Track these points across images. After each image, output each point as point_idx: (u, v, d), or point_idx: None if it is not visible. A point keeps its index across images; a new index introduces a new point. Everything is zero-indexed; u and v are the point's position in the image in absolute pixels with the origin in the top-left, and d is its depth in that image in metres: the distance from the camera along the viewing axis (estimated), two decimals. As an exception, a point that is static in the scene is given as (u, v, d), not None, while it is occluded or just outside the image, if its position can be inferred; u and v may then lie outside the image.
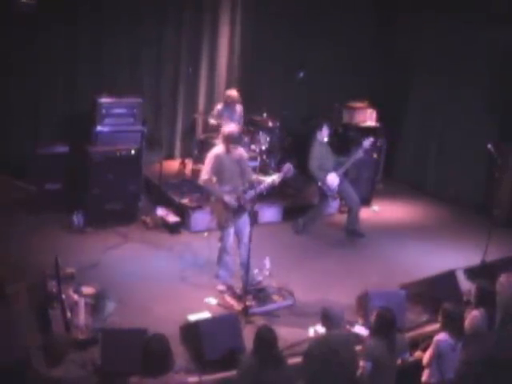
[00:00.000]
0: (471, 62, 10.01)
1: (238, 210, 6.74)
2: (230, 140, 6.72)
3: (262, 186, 6.77)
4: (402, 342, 5.34)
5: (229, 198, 6.65)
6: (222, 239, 6.91)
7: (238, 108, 9.15)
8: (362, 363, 5.08)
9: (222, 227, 6.87)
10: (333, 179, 8.38)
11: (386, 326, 5.10)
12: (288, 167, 6.78)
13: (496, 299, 5.76)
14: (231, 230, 6.85)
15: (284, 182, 9.03)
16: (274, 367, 4.72)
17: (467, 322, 5.57)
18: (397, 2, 11.09)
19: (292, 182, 9.51)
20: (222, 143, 6.80)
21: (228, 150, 6.73)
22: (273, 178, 6.81)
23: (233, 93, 9.17)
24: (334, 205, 9.60)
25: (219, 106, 9.20)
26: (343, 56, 10.98)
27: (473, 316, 5.64)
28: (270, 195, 8.85)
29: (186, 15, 10.00)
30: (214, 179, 6.74)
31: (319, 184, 8.43)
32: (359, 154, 8.46)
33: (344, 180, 8.56)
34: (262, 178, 6.90)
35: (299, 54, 10.62)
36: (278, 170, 8.83)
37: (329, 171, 8.40)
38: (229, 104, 9.08)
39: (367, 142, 8.41)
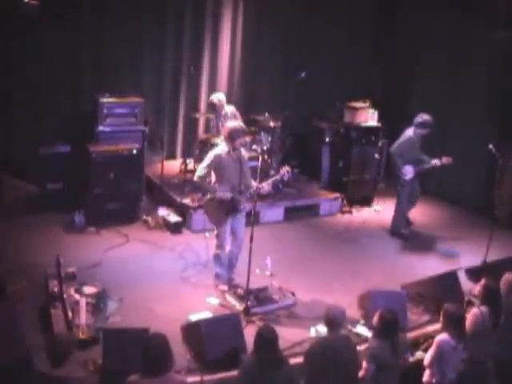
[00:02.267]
0: (471, 62, 10.02)
1: (232, 210, 6.75)
2: (233, 136, 6.67)
3: (251, 191, 6.77)
4: (404, 342, 5.34)
5: (221, 193, 6.65)
6: (217, 236, 6.91)
7: (228, 110, 9.07)
8: (365, 365, 5.08)
9: (216, 224, 6.88)
10: (409, 171, 8.49)
11: (388, 327, 5.10)
12: (285, 171, 6.77)
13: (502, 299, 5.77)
14: (227, 228, 6.86)
15: (285, 183, 9.09)
16: (275, 367, 4.71)
17: (467, 321, 5.56)
18: (397, 2, 11.09)
19: (293, 182, 9.54)
20: (225, 142, 6.78)
21: (231, 148, 6.70)
22: (266, 183, 6.82)
23: (214, 99, 9.01)
24: (335, 205, 9.64)
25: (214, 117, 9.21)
26: (344, 56, 10.99)
27: (473, 313, 5.63)
28: (271, 195, 8.92)
29: (187, 15, 10.01)
30: (213, 178, 6.74)
31: (398, 171, 8.54)
32: (431, 165, 8.55)
33: (415, 179, 8.66)
34: (253, 182, 6.85)
35: (300, 54, 10.63)
36: (278, 170, 8.86)
37: (407, 163, 8.51)
38: (215, 110, 9.05)
39: (445, 160, 8.51)
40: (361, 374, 5.13)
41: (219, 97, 9.08)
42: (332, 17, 10.86)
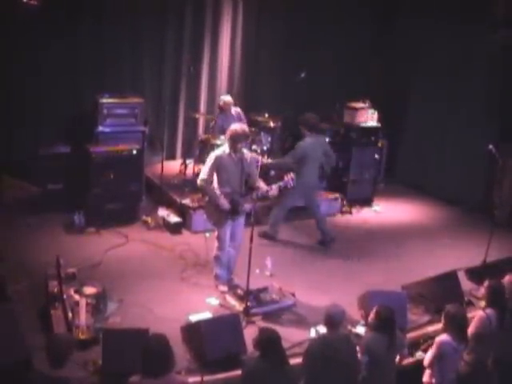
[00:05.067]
0: (471, 62, 10.03)
1: (232, 213, 6.75)
2: (234, 139, 6.67)
3: (259, 193, 6.77)
4: (400, 339, 5.32)
5: (222, 202, 6.64)
6: (218, 238, 6.91)
7: (234, 112, 9.13)
8: (359, 356, 5.10)
9: (217, 225, 6.89)
10: None
11: (384, 323, 5.09)
12: (289, 178, 6.73)
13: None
14: (227, 229, 6.86)
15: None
16: (280, 367, 4.71)
17: (473, 323, 5.56)
18: (397, 3, 11.10)
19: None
20: (227, 143, 6.78)
21: (232, 151, 6.70)
22: (272, 187, 6.79)
23: (225, 98, 9.17)
24: (335, 206, 9.65)
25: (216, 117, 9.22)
26: (344, 56, 11.00)
27: (479, 317, 5.61)
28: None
29: (187, 16, 10.02)
30: (215, 179, 6.75)
31: None
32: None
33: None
34: (262, 184, 6.86)
35: (300, 54, 10.63)
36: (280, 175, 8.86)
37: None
38: (223, 110, 9.08)
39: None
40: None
41: (225, 98, 9.17)
42: (332, 17, 10.86)
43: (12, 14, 8.23)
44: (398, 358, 5.31)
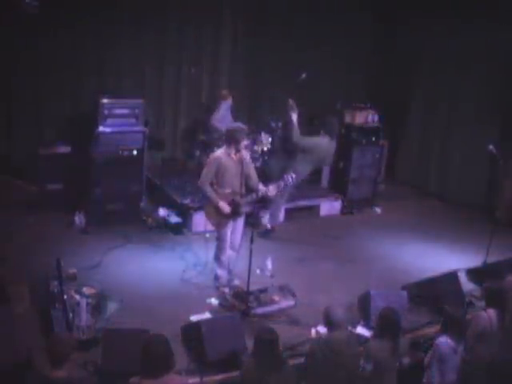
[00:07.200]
0: (472, 62, 10.04)
1: (233, 214, 6.74)
2: (233, 139, 6.67)
3: (259, 194, 6.76)
4: (404, 345, 5.31)
5: (222, 204, 6.64)
6: (218, 239, 6.91)
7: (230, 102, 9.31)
8: (361, 363, 5.08)
9: (217, 227, 6.88)
10: None
11: (389, 327, 5.08)
12: (289, 176, 6.73)
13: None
14: (228, 230, 6.86)
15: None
16: (276, 368, 4.71)
17: (474, 324, 5.55)
18: (397, 2, 11.10)
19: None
20: (225, 143, 6.77)
21: (230, 151, 6.70)
22: (272, 187, 6.78)
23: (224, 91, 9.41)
24: (335, 206, 9.64)
25: (222, 106, 9.24)
26: (344, 57, 10.99)
27: (480, 318, 5.61)
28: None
29: (187, 16, 10.01)
30: (214, 181, 6.73)
31: None
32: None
33: None
34: (261, 186, 6.83)
35: (301, 55, 10.62)
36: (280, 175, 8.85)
37: None
38: (226, 101, 9.20)
39: None
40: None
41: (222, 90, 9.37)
42: (332, 18, 10.85)
43: (12, 13, 8.22)
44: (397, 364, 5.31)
